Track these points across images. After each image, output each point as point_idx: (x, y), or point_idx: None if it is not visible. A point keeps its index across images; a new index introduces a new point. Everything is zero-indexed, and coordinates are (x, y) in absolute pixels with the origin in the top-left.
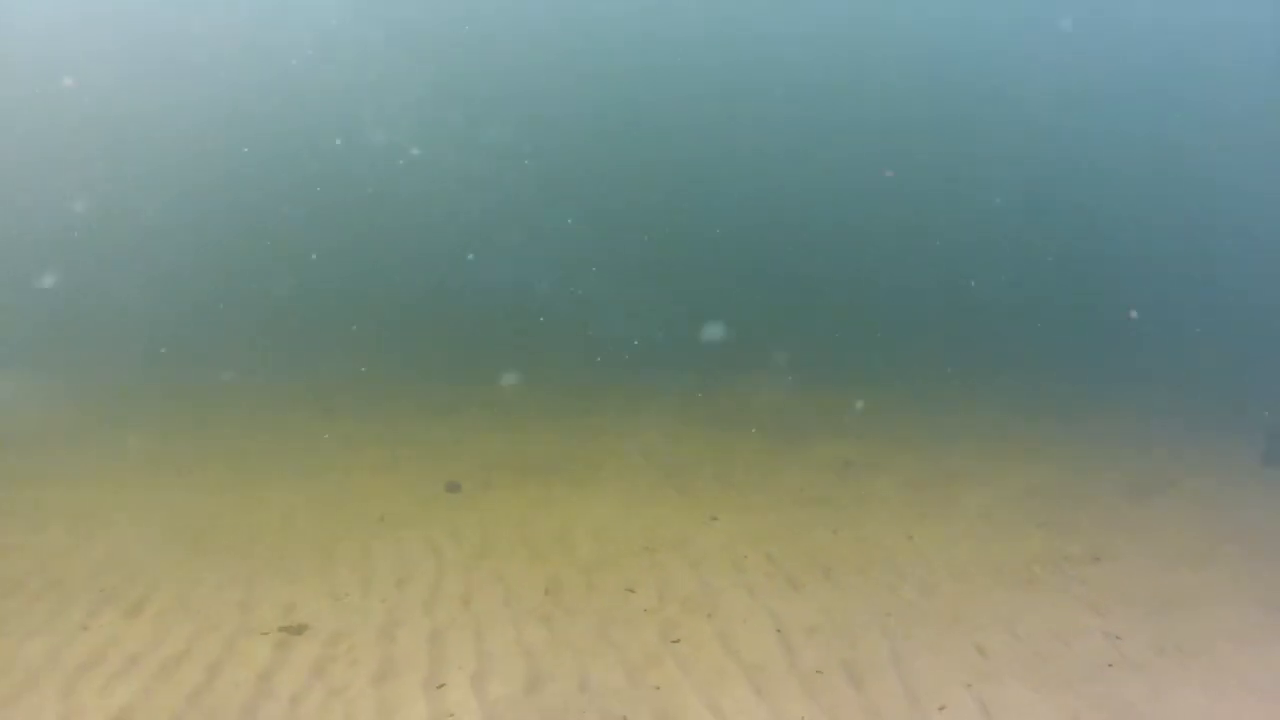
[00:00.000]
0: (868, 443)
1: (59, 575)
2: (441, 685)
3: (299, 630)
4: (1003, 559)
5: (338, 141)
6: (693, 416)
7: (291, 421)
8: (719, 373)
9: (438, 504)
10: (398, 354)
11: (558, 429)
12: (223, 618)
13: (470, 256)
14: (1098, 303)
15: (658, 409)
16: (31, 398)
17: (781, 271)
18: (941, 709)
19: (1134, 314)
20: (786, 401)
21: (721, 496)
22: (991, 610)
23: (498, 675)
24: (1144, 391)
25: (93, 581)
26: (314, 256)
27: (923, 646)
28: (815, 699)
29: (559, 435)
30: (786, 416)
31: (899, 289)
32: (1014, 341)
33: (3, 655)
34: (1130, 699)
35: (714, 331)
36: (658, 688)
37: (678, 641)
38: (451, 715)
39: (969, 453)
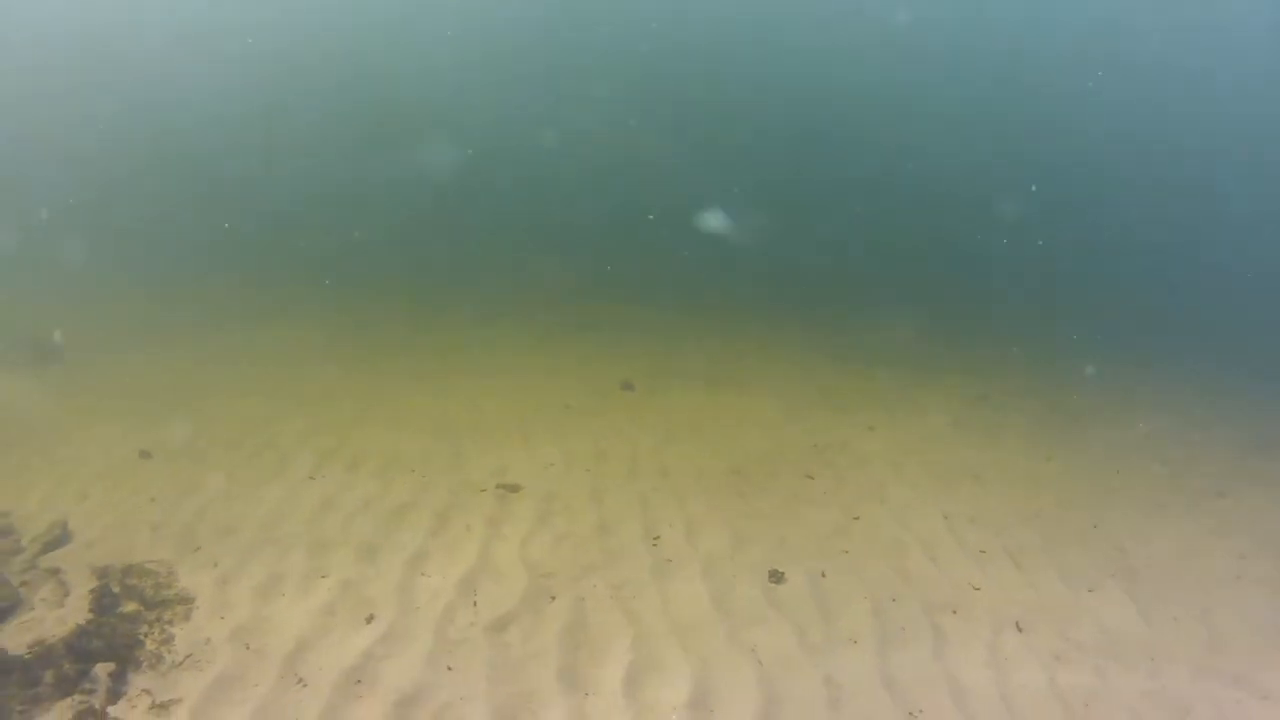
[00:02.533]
0: (998, 383)
1: (270, 438)
2: (657, 538)
3: (514, 489)
4: (1131, 487)
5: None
6: (840, 348)
7: (460, 325)
8: (863, 311)
9: (615, 399)
10: (550, 273)
11: (710, 346)
12: (439, 476)
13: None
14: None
15: (803, 339)
16: (233, 295)
17: (924, 227)
18: (1090, 591)
19: None
20: (924, 342)
21: (874, 413)
22: (1126, 524)
23: (705, 533)
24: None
25: (304, 444)
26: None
27: (1070, 543)
28: (982, 571)
29: (713, 351)
30: (924, 354)
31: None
32: (1135, 300)
33: (247, 494)
34: (1257, 606)
35: (859, 274)
36: (846, 551)
37: (858, 518)
38: (670, 561)
39: (1091, 399)
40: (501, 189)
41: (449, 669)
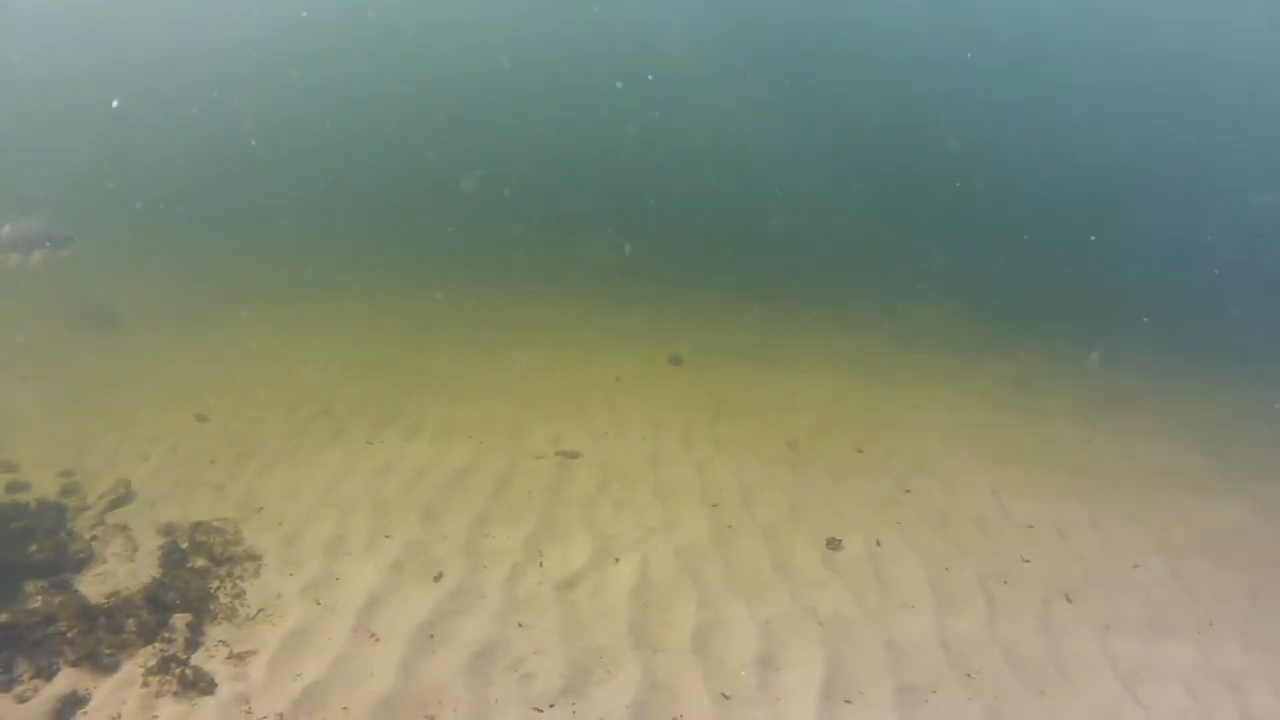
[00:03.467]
0: (1041, 366)
1: (325, 405)
2: (715, 505)
3: (573, 456)
4: (1174, 467)
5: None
6: (882, 328)
7: (508, 299)
8: (906, 291)
9: (665, 373)
10: (597, 250)
11: (754, 324)
12: (497, 443)
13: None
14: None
15: (847, 319)
16: (281, 268)
17: (964, 210)
18: (1135, 566)
19: None
20: (967, 323)
21: (919, 391)
22: (1169, 505)
23: (762, 501)
24: None
25: (359, 411)
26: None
27: (1115, 520)
28: (1031, 544)
29: (757, 328)
30: (967, 335)
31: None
32: (1186, 288)
33: (307, 458)
34: None
35: (895, 260)
36: (899, 522)
37: (909, 491)
38: (729, 526)
39: (1133, 384)
40: (549, 166)
41: (520, 625)
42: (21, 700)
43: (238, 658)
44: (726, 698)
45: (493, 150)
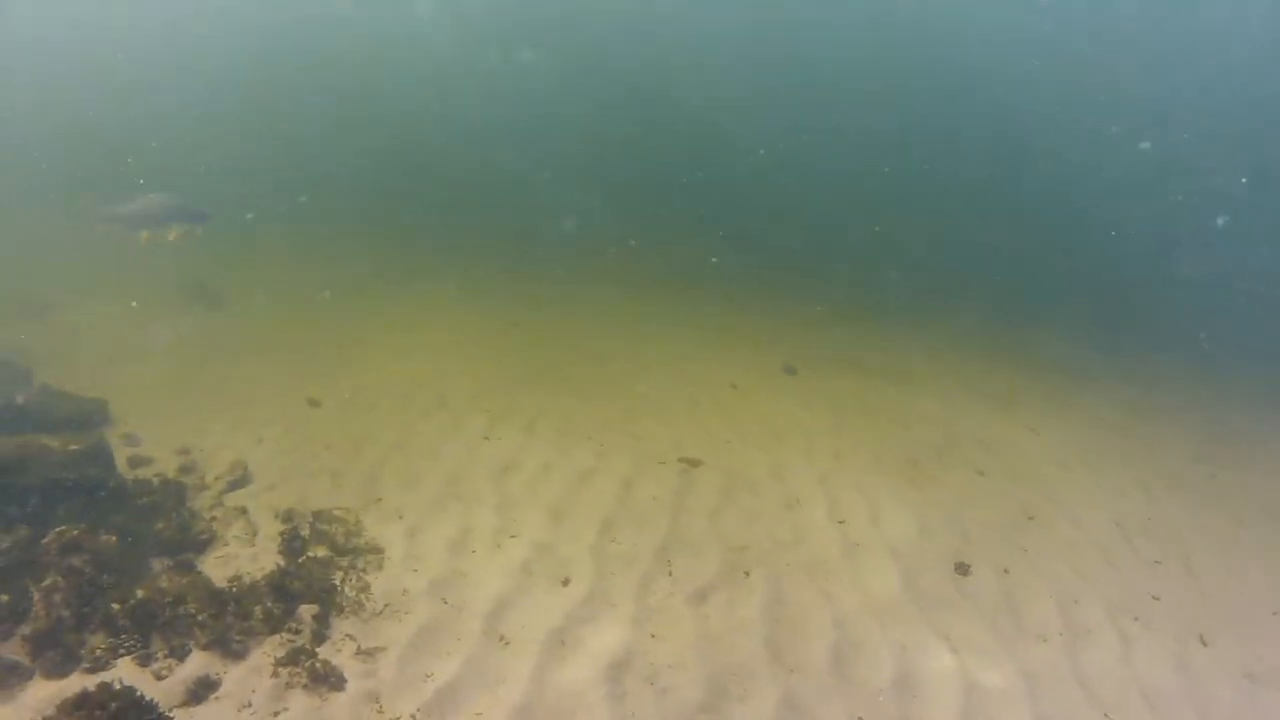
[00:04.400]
0: (1157, 393)
1: (440, 395)
2: (842, 521)
3: (695, 463)
4: None
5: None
6: (992, 345)
7: (614, 296)
8: (1015, 309)
9: (779, 381)
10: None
11: (863, 334)
12: (617, 445)
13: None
14: None
15: (955, 333)
16: (382, 253)
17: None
18: (1275, 614)
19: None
20: (1079, 343)
21: (1034, 414)
22: None
23: (889, 519)
24: None
25: (475, 404)
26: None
27: (1248, 561)
28: (1159, 581)
29: (867, 339)
30: (1079, 356)
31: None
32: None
33: (425, 449)
34: None
35: (1012, 274)
36: (1025, 550)
37: (1033, 519)
38: (858, 545)
39: (1254, 416)
40: (666, 168)
41: (653, 636)
42: (159, 678)
43: (366, 654)
44: None
45: (602, 155)
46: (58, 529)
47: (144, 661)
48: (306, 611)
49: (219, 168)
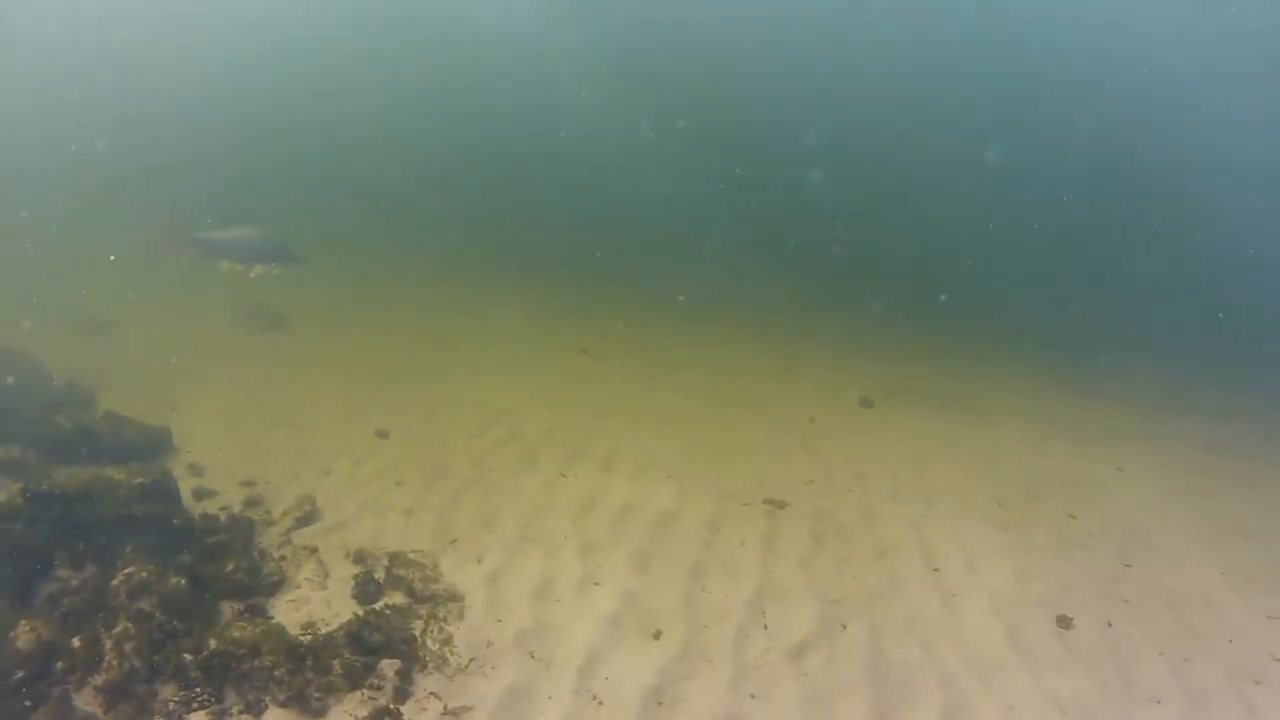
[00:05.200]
0: (1246, 429)
1: (512, 427)
2: (937, 569)
3: (781, 505)
4: None
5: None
6: (1068, 376)
7: (681, 322)
8: (1092, 340)
9: (857, 415)
10: (778, 283)
11: (938, 365)
12: (699, 484)
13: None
14: None
15: (1030, 365)
16: (444, 278)
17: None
18: None
19: None
20: (1157, 376)
21: (1119, 452)
22: None
23: (984, 567)
24: None
25: (550, 437)
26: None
27: None
28: (1276, 638)
29: (941, 370)
30: (1159, 390)
31: None
32: None
33: (501, 485)
34: None
35: (1087, 305)
36: (1127, 601)
37: (1130, 566)
38: (955, 595)
39: None
40: (738, 191)
41: (753, 696)
42: None
43: (453, 714)
44: None
45: (672, 180)
46: (126, 570)
47: (218, 716)
48: (389, 667)
49: (293, 188)
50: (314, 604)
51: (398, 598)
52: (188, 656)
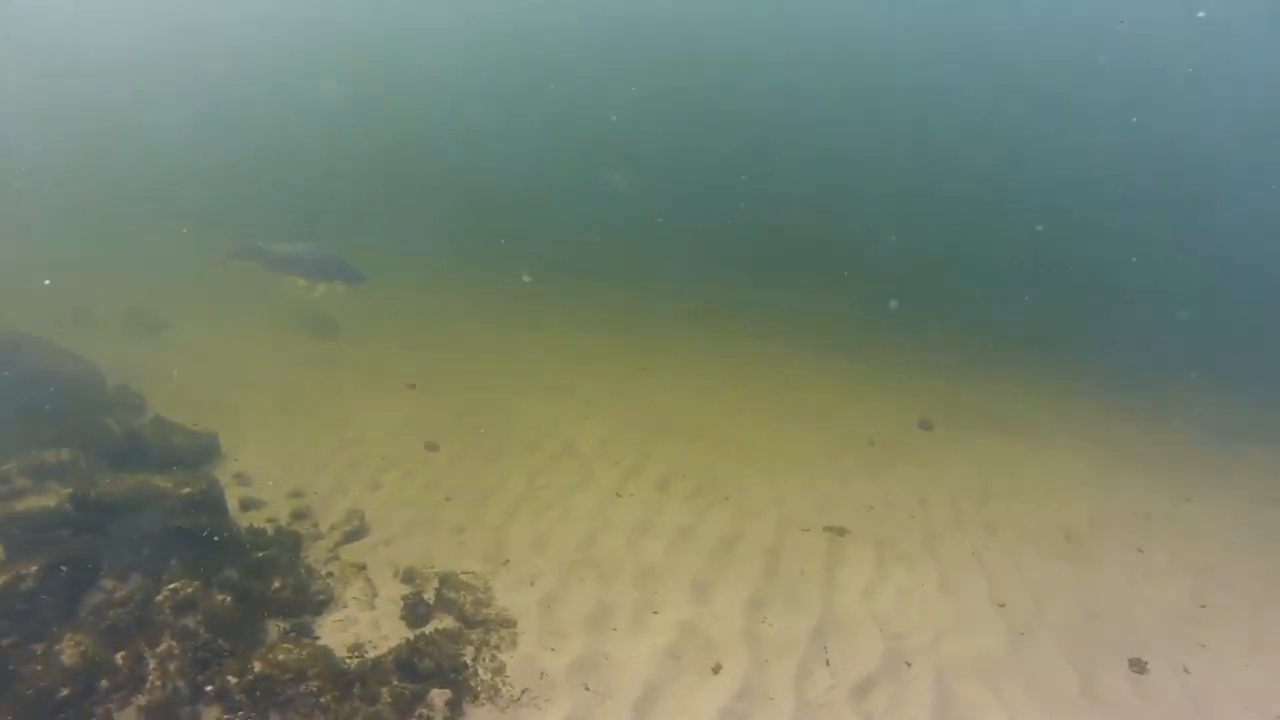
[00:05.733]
0: None
1: (567, 442)
2: (1003, 605)
3: (842, 532)
4: None
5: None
6: (1131, 399)
7: (741, 340)
8: (1156, 361)
9: (917, 438)
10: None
11: (997, 386)
12: (758, 508)
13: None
14: None
15: (1090, 386)
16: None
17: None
18: None
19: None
20: (1226, 401)
21: (1187, 481)
22: None
23: (1051, 604)
24: None
25: (604, 452)
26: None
27: None
28: None
29: (1000, 391)
30: (1229, 415)
31: None
32: None
33: (554, 503)
34: None
35: (1150, 323)
36: (1204, 645)
37: (1205, 606)
38: (1022, 634)
39: None
40: (793, 215)
41: None
42: None
43: None
44: None
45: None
46: (171, 585)
47: None
48: (439, 697)
49: (351, 199)
50: (361, 625)
51: (448, 621)
52: (232, 679)
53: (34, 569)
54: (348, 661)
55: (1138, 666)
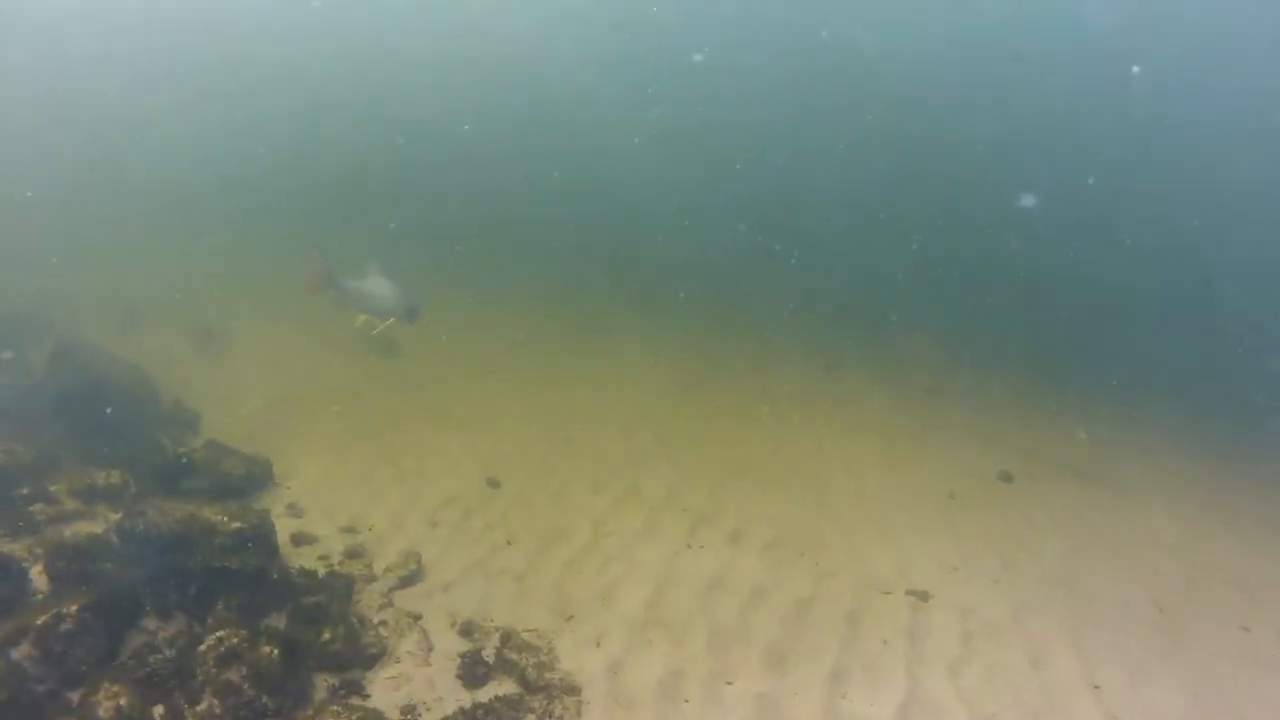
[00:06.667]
0: None
1: (634, 484)
2: (1098, 686)
3: (924, 597)
4: None
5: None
6: (1219, 451)
7: (814, 377)
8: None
9: (997, 491)
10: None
11: (1074, 431)
12: (835, 566)
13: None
14: None
15: (1172, 434)
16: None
17: None
18: None
19: None
20: None
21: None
22: None
23: (1151, 685)
24: None
25: (674, 499)
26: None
27: None
28: None
29: (1079, 436)
30: None
31: None
32: None
33: (620, 553)
34: None
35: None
36: None
37: None
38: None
39: None
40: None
41: None
42: None
43: None
44: None
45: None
46: (216, 634)
47: None
48: None
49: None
50: (416, 683)
51: (508, 685)
52: None
53: (74, 609)
54: None
55: None
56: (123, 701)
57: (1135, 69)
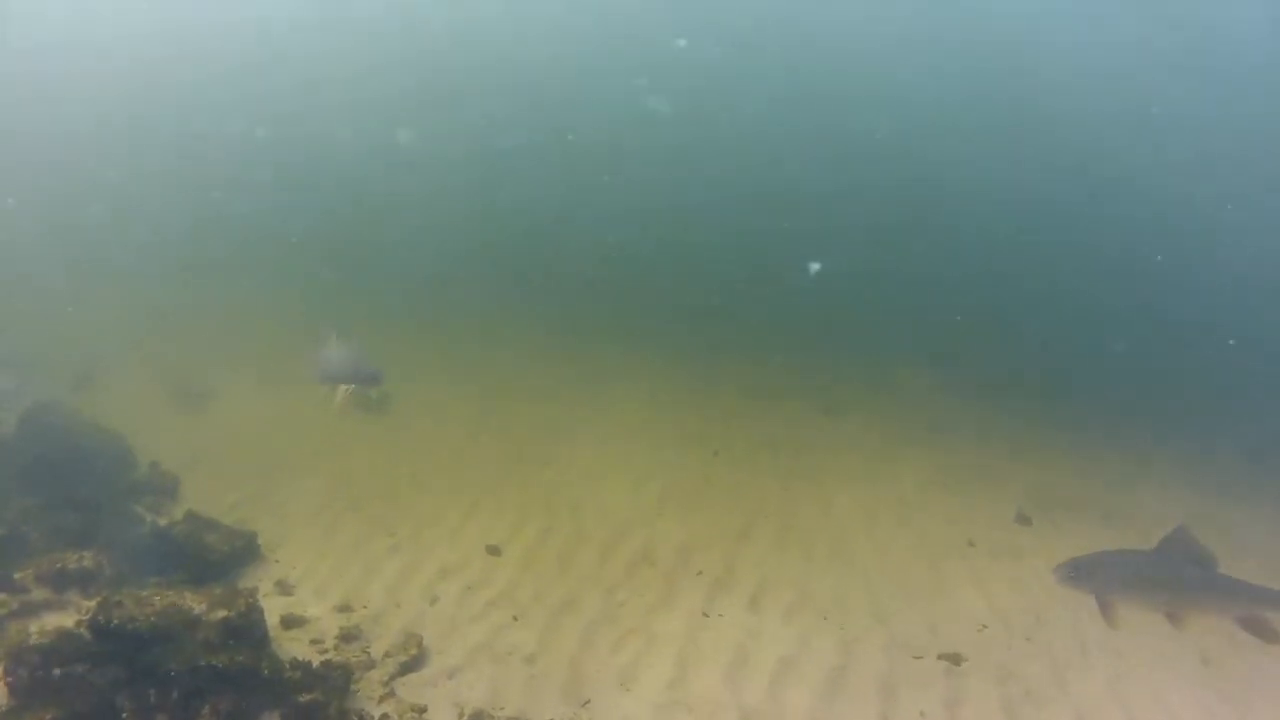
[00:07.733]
0: None
1: (644, 548)
2: None
3: (957, 660)
4: None
5: None
6: (1244, 490)
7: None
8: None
9: (1017, 535)
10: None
11: (1092, 470)
12: (862, 629)
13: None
14: None
15: (1187, 470)
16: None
17: None
18: None
19: None
20: None
21: None
22: None
23: None
24: None
25: (687, 562)
26: None
27: None
28: None
29: (1098, 474)
30: None
31: None
32: None
33: (636, 624)
34: None
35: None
36: None
37: None
38: None
39: None
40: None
41: None
42: None
43: None
44: None
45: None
46: None
47: None
48: None
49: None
50: None
51: None
52: None
53: None
54: None
55: None
56: None
57: None
